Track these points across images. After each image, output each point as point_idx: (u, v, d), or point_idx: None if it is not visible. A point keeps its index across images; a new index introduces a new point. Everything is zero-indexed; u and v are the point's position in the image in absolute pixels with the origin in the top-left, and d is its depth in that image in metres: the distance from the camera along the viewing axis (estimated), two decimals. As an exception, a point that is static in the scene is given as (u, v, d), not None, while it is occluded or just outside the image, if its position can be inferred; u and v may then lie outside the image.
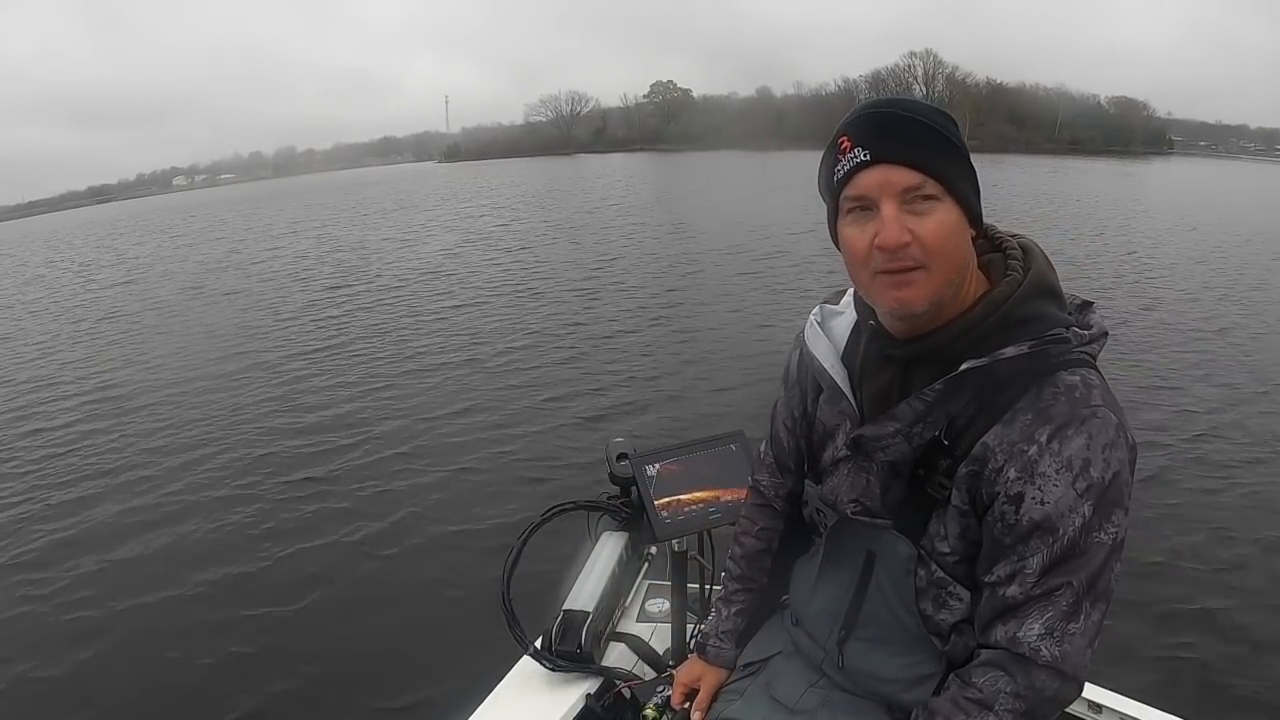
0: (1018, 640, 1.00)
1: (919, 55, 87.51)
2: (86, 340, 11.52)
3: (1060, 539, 0.98)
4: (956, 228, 0.99)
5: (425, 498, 5.27)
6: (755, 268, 12.97)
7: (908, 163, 0.97)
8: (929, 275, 0.98)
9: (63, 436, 7.13)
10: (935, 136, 0.98)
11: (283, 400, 7.72)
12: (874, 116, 1.00)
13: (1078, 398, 0.98)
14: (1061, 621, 0.99)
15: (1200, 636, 3.59)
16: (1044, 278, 1.05)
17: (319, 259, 17.98)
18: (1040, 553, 0.99)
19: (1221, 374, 7.53)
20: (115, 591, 4.37)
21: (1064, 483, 0.96)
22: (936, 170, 0.97)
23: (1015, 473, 0.99)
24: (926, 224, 0.97)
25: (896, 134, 0.98)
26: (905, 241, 0.96)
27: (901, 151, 0.97)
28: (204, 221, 33.93)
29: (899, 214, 0.97)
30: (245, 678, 3.55)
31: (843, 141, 1.00)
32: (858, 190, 0.99)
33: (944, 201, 0.98)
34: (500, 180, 44.93)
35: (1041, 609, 0.99)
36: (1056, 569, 0.99)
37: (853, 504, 1.18)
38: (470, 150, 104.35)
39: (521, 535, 1.75)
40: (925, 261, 0.97)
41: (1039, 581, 0.99)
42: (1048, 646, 0.99)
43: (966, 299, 1.04)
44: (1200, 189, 34.40)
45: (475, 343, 9.47)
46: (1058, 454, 0.97)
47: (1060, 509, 0.97)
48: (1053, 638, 0.99)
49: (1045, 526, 0.98)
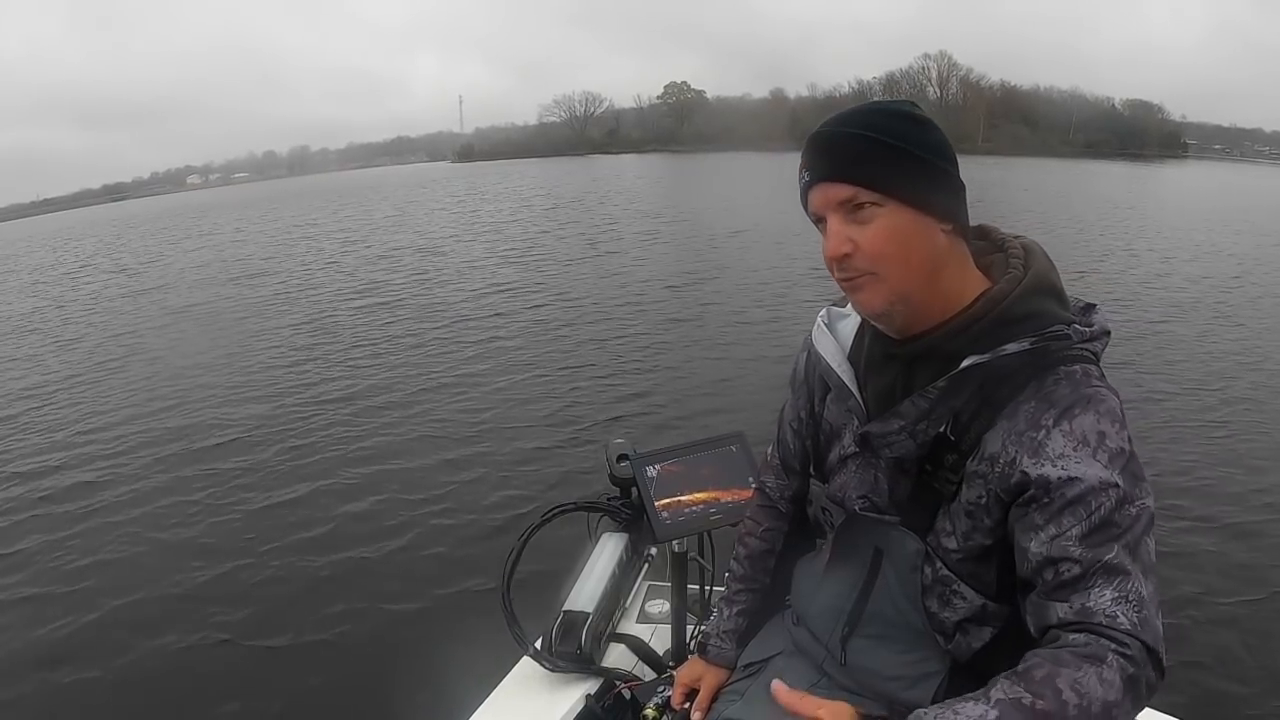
0: (1090, 611, 0.90)
1: (933, 57, 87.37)
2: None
3: (1097, 510, 0.93)
4: (905, 229, 1.01)
5: (425, 498, 5.27)
6: (758, 270, 12.98)
7: (837, 177, 1.02)
8: (878, 280, 1.02)
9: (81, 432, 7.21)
10: (868, 144, 1.01)
11: (281, 399, 7.78)
12: (815, 137, 1.06)
13: (1079, 379, 0.99)
14: (1130, 585, 0.91)
15: (1200, 636, 3.57)
16: (1045, 276, 1.05)
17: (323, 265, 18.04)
18: (1079, 525, 0.94)
19: (1233, 369, 7.56)
20: (113, 592, 4.38)
21: (1085, 456, 0.95)
22: (867, 178, 1.00)
23: (1029, 459, 0.98)
24: (867, 233, 1.01)
25: (828, 151, 1.03)
26: (844, 253, 1.02)
27: (831, 167, 1.02)
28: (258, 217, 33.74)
29: (841, 226, 1.02)
30: (244, 678, 3.56)
31: (801, 163, 1.06)
32: (810, 208, 1.06)
33: (886, 206, 1.00)
34: (515, 182, 44.92)
35: (1105, 577, 0.91)
36: (1099, 535, 0.93)
37: (861, 500, 1.18)
38: (483, 150, 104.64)
39: (522, 536, 1.75)
40: (872, 268, 1.02)
41: (1086, 549, 0.93)
42: (1125, 613, 0.89)
43: (965, 297, 1.05)
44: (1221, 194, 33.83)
45: (476, 342, 9.49)
46: (1070, 432, 0.96)
47: (1091, 482, 0.94)
48: (1129, 602, 0.90)
49: (1078, 501, 0.94)
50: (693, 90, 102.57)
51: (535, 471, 5.61)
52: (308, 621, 3.96)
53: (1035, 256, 1.07)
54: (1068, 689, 0.83)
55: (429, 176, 62.49)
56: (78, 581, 4.52)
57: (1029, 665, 0.88)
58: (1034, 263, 1.06)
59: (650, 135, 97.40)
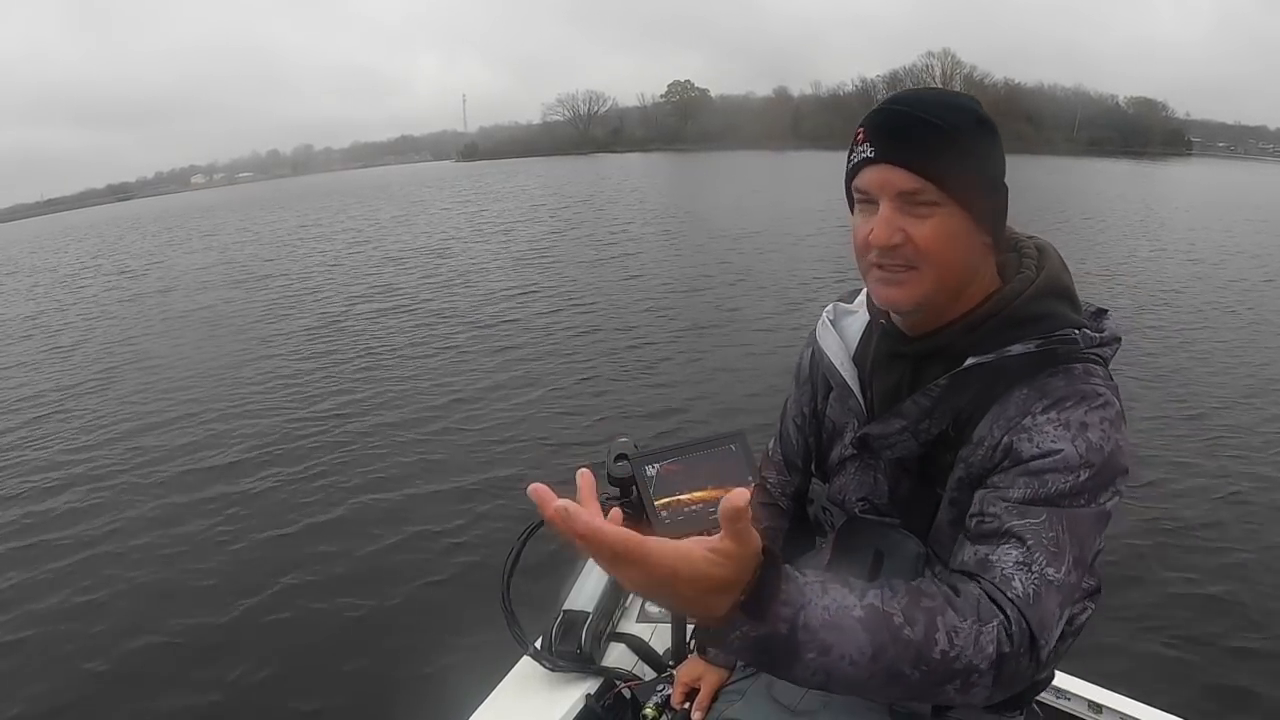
0: (989, 563, 0.88)
1: (937, 55, 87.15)
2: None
3: (1048, 485, 0.92)
4: (956, 234, 0.98)
5: (424, 497, 5.27)
6: (761, 272, 12.86)
7: (908, 166, 0.96)
8: (919, 276, 0.99)
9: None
10: (943, 140, 0.96)
11: (279, 397, 7.79)
12: (887, 112, 1.00)
13: (1077, 376, 0.97)
14: (1040, 556, 0.87)
15: (1201, 637, 3.55)
16: (1057, 278, 1.04)
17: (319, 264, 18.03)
18: (1024, 489, 0.92)
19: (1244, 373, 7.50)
20: (109, 591, 4.39)
21: (1063, 439, 0.93)
22: (938, 176, 0.96)
23: (1012, 439, 0.96)
24: (923, 228, 0.97)
25: (902, 135, 0.97)
26: (896, 243, 0.98)
27: (904, 153, 0.97)
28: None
29: (894, 214, 0.97)
30: (244, 678, 3.55)
31: (859, 133, 1.01)
32: (862, 184, 1.01)
33: (945, 207, 0.97)
34: (522, 181, 44.84)
35: (1019, 541, 0.89)
36: (1037, 506, 0.91)
37: (860, 503, 1.18)
38: (487, 149, 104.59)
39: (521, 535, 1.74)
40: (917, 263, 0.99)
41: (1016, 509, 0.91)
42: (1022, 580, 0.85)
43: (975, 297, 1.04)
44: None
45: (476, 342, 9.47)
46: (1055, 419, 0.95)
47: (1054, 462, 0.92)
48: (1030, 571, 0.86)
49: (1036, 470, 0.92)
50: (696, 88, 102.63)
51: (535, 471, 5.56)
52: (307, 622, 3.97)
53: (1048, 257, 1.06)
54: (942, 631, 0.78)
55: (434, 176, 62.37)
56: (72, 581, 4.52)
57: (919, 587, 0.82)
58: (1047, 264, 1.05)
59: (654, 134, 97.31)
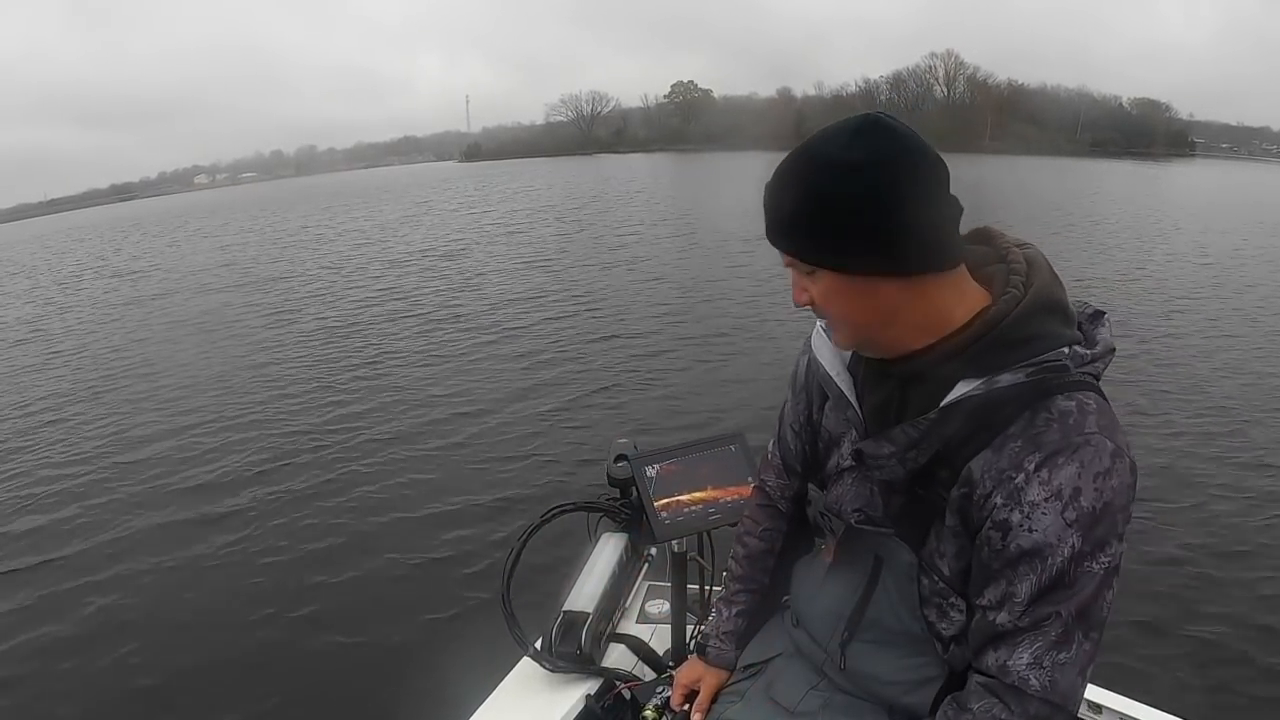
0: (1007, 669, 1.01)
1: (940, 56, 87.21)
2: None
3: (1049, 569, 0.96)
4: (842, 290, 1.01)
5: (424, 498, 5.28)
6: (762, 272, 12.91)
7: (773, 243, 1.04)
8: (838, 325, 1.08)
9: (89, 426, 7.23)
10: (794, 216, 0.99)
11: (278, 396, 7.81)
12: (764, 190, 1.04)
13: (1071, 425, 0.96)
14: (1050, 651, 0.99)
15: (1200, 637, 3.57)
16: (1047, 292, 1.01)
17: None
18: (1029, 580, 0.98)
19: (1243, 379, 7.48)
20: (106, 591, 4.41)
21: (1053, 511, 0.95)
22: (795, 251, 1.02)
23: (1002, 499, 0.97)
24: (816, 288, 1.03)
25: (767, 212, 1.03)
26: (804, 303, 1.06)
27: (769, 231, 1.04)
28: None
29: (797, 277, 1.05)
30: (244, 679, 3.57)
31: None
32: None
33: (821, 270, 1.01)
34: (526, 181, 44.88)
35: (1031, 639, 0.99)
36: (1045, 598, 0.98)
37: (856, 513, 1.18)
38: (490, 150, 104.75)
39: (521, 536, 1.75)
40: (825, 317, 1.07)
41: (1028, 610, 0.99)
42: (1036, 676, 0.99)
43: (957, 317, 1.01)
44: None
45: (476, 342, 9.50)
46: (1047, 482, 0.95)
47: (1049, 538, 0.95)
48: (1041, 668, 0.99)
49: (1033, 554, 0.97)
50: (699, 89, 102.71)
51: (535, 472, 5.62)
52: (309, 622, 3.98)
53: (1037, 270, 1.03)
54: None
55: (437, 176, 62.53)
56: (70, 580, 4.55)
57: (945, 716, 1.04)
58: (1036, 277, 1.02)
59: (657, 134, 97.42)
